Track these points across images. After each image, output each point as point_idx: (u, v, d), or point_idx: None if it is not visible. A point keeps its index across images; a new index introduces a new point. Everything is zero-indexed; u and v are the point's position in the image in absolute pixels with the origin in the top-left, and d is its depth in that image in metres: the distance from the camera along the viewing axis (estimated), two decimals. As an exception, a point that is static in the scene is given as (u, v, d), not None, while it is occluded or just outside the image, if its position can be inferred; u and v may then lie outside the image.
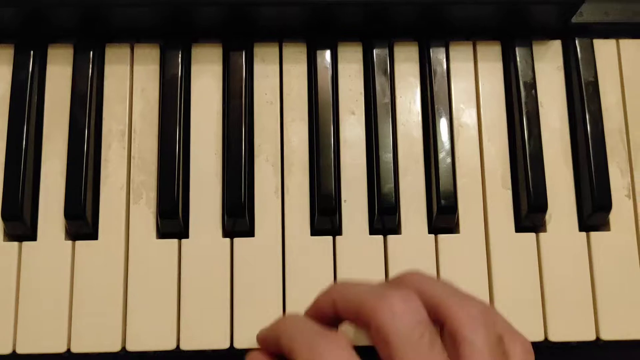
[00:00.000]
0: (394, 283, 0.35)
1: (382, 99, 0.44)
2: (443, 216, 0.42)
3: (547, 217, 0.43)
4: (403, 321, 0.30)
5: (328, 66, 0.44)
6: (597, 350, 0.42)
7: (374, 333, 0.31)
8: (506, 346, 0.32)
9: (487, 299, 0.41)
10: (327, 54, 0.44)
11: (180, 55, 0.43)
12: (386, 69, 0.44)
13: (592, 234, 0.43)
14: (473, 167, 0.44)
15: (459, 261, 0.42)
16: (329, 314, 0.35)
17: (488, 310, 0.33)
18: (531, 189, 0.42)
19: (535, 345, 0.40)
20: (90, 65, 0.43)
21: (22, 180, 0.41)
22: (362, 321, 0.32)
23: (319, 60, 0.44)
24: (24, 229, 0.41)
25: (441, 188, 0.42)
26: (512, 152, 0.44)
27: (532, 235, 0.42)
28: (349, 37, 0.45)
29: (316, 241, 0.42)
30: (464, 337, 0.31)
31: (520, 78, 0.44)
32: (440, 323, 0.32)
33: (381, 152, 0.42)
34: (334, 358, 0.30)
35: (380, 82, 0.44)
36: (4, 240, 0.41)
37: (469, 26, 0.45)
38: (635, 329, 0.41)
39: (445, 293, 0.33)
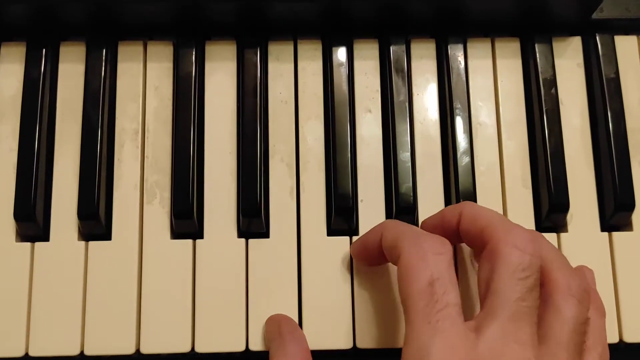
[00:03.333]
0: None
1: (399, 96, 0.43)
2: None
3: (568, 217, 0.42)
4: (518, 257, 0.32)
5: (344, 63, 0.43)
6: (619, 353, 0.41)
7: (487, 255, 0.33)
8: (589, 327, 0.34)
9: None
10: (343, 50, 0.44)
11: (194, 53, 0.43)
12: (403, 66, 0.44)
13: (615, 234, 0.42)
14: (492, 166, 0.43)
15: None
16: (450, 227, 0.36)
17: (588, 290, 0.34)
18: (552, 189, 0.41)
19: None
20: (103, 63, 0.42)
21: (35, 180, 0.40)
22: (480, 241, 0.34)
23: (334, 57, 0.43)
24: (36, 229, 0.40)
25: (460, 187, 0.41)
26: (532, 151, 0.43)
27: (553, 235, 0.42)
28: (365, 33, 0.45)
29: (332, 242, 0.41)
30: (555, 303, 0.32)
31: (540, 75, 0.43)
32: (541, 283, 0.33)
33: (398, 151, 0.42)
34: (434, 255, 0.32)
35: (397, 79, 0.43)
36: (17, 241, 0.41)
37: (487, 22, 0.45)
38: (659, 332, 0.41)
39: (557, 260, 0.34)
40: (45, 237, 0.41)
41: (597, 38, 0.44)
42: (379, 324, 0.40)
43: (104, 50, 0.43)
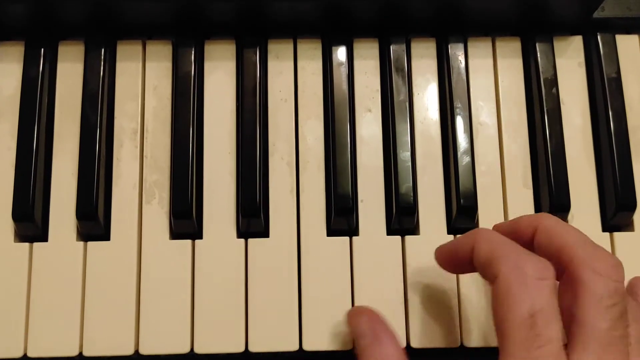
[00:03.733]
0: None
1: (399, 96, 0.43)
2: (463, 216, 0.41)
3: (569, 217, 0.42)
4: (603, 285, 0.30)
5: (344, 63, 0.43)
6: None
7: (568, 280, 0.31)
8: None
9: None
10: (343, 50, 0.43)
11: (193, 52, 0.42)
12: (403, 66, 0.43)
13: (616, 234, 0.42)
14: (493, 166, 0.43)
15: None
16: (523, 237, 0.34)
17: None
18: (553, 188, 0.41)
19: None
20: (102, 62, 0.42)
21: (33, 180, 0.40)
22: (557, 261, 0.32)
23: (334, 56, 0.43)
24: (34, 229, 0.40)
25: (461, 188, 0.41)
26: (533, 151, 0.43)
27: (554, 235, 0.41)
28: (365, 32, 0.44)
29: (332, 242, 0.41)
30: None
31: (541, 74, 0.43)
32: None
33: (399, 151, 0.42)
34: (537, 281, 0.30)
35: (397, 79, 0.43)
36: (15, 242, 0.40)
37: (488, 21, 0.44)
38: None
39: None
40: (43, 237, 0.41)
41: (599, 37, 0.44)
42: (379, 324, 0.39)
43: (103, 50, 0.42)
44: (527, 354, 0.29)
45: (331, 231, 0.41)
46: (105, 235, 0.41)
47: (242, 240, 0.41)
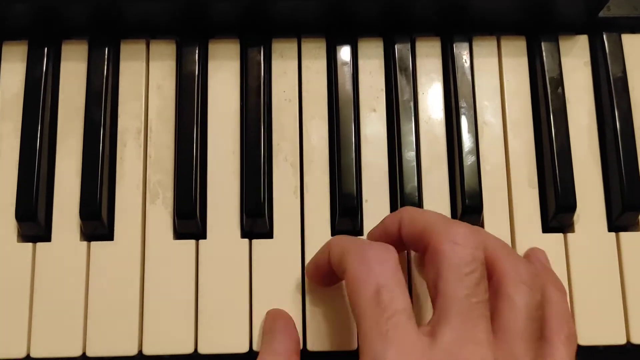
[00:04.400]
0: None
1: (404, 95, 0.43)
2: (468, 216, 0.41)
3: (575, 217, 0.41)
4: (459, 253, 0.31)
5: (348, 62, 0.43)
6: (627, 354, 0.41)
7: (429, 256, 0.32)
8: (549, 325, 0.33)
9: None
10: (347, 49, 0.43)
11: (197, 51, 0.42)
12: (408, 65, 0.43)
13: (622, 234, 0.41)
14: (498, 166, 0.42)
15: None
16: (393, 234, 0.36)
17: (536, 274, 0.33)
18: (559, 188, 0.41)
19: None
20: (106, 62, 0.42)
21: (37, 179, 0.40)
22: (422, 243, 0.33)
23: (338, 56, 0.43)
24: (38, 229, 0.40)
25: (466, 187, 0.41)
26: (538, 150, 0.43)
27: (560, 235, 0.41)
28: (370, 32, 0.44)
29: (337, 242, 0.41)
30: (505, 293, 0.32)
31: (547, 74, 0.43)
32: (489, 275, 0.33)
33: (403, 151, 0.41)
34: (379, 263, 0.31)
35: (402, 78, 0.43)
36: (18, 241, 0.40)
37: (493, 20, 0.44)
38: (668, 333, 0.40)
39: (502, 250, 0.34)
40: (47, 237, 0.40)
41: (604, 36, 0.44)
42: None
43: (107, 49, 0.42)
44: (377, 327, 0.30)
45: (336, 231, 0.41)
46: (108, 235, 0.41)
47: (246, 240, 0.40)
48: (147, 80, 0.43)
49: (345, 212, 0.40)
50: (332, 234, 0.41)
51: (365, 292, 0.31)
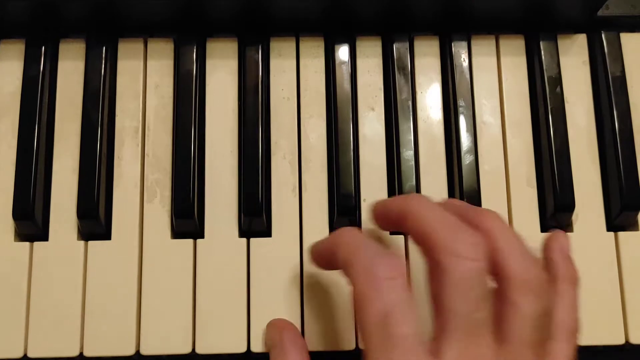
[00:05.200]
0: (472, 216, 0.34)
1: (402, 94, 0.43)
2: (467, 215, 0.41)
3: (573, 216, 0.41)
4: (463, 267, 0.30)
5: (346, 61, 0.43)
6: (625, 354, 0.41)
7: (432, 268, 0.31)
8: (554, 320, 0.33)
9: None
10: (346, 48, 0.43)
11: (195, 50, 0.42)
12: (406, 64, 0.43)
13: (620, 233, 0.41)
14: (497, 165, 0.42)
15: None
16: (394, 220, 0.34)
17: (545, 280, 0.32)
18: (557, 188, 0.41)
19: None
20: (103, 61, 0.42)
21: (34, 178, 0.40)
22: (425, 248, 0.32)
23: (337, 54, 0.43)
24: (35, 228, 0.40)
25: (464, 187, 0.41)
26: (537, 150, 0.43)
27: (559, 235, 0.41)
28: (368, 30, 0.44)
29: (335, 241, 0.40)
30: (511, 299, 0.31)
31: (545, 73, 0.43)
32: (495, 275, 0.32)
33: (402, 150, 0.41)
34: (387, 281, 0.30)
35: (400, 77, 0.43)
36: (15, 241, 0.40)
37: (492, 19, 0.44)
38: (666, 333, 0.40)
39: (511, 251, 0.32)
40: (44, 236, 0.40)
41: (603, 35, 0.44)
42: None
43: (104, 48, 0.42)
44: (383, 355, 0.29)
45: (334, 230, 0.41)
46: (106, 235, 0.40)
47: (244, 239, 0.40)
48: (144, 79, 0.43)
49: (344, 211, 0.40)
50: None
51: (372, 314, 0.30)
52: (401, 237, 0.41)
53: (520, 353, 0.30)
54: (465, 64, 0.43)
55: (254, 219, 0.40)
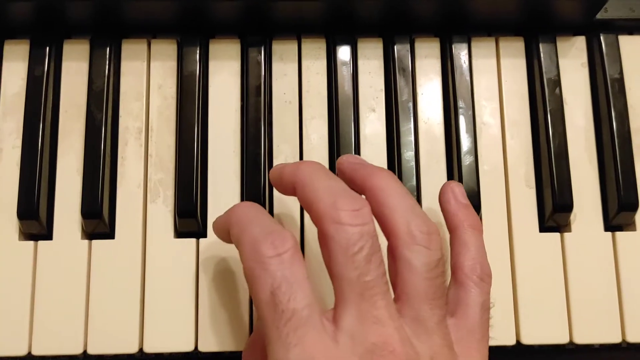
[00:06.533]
0: (361, 177, 0.34)
1: (403, 96, 0.43)
2: (466, 216, 0.41)
3: (571, 216, 0.42)
4: (345, 233, 0.30)
5: (348, 62, 0.43)
6: (621, 353, 0.41)
7: (319, 238, 0.31)
8: (460, 268, 0.34)
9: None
10: (347, 49, 0.44)
11: (198, 51, 0.43)
12: (407, 66, 0.44)
13: (618, 234, 0.42)
14: (496, 166, 0.43)
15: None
16: (288, 188, 0.34)
17: (435, 232, 0.32)
18: (556, 188, 0.41)
19: (560, 346, 0.40)
20: (107, 61, 0.42)
21: (38, 178, 0.40)
22: (312, 217, 0.32)
23: (338, 56, 0.43)
24: (39, 228, 0.40)
25: (464, 187, 0.41)
26: (535, 151, 0.43)
27: (557, 235, 0.42)
28: (369, 32, 0.45)
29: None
30: (402, 255, 0.31)
31: (544, 74, 0.43)
32: (387, 235, 0.32)
33: (402, 150, 0.42)
34: (273, 258, 0.30)
35: (401, 78, 0.43)
36: (20, 240, 0.41)
37: (492, 21, 0.45)
38: (663, 331, 0.40)
39: (395, 206, 0.32)
40: (48, 235, 0.41)
41: (602, 38, 0.44)
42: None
43: (108, 49, 0.42)
44: (277, 332, 0.29)
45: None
46: (110, 234, 0.41)
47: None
48: (148, 79, 0.43)
49: (345, 211, 0.41)
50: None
51: (262, 294, 0.29)
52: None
53: (419, 308, 0.31)
54: (466, 65, 0.44)
55: (256, 218, 0.40)
